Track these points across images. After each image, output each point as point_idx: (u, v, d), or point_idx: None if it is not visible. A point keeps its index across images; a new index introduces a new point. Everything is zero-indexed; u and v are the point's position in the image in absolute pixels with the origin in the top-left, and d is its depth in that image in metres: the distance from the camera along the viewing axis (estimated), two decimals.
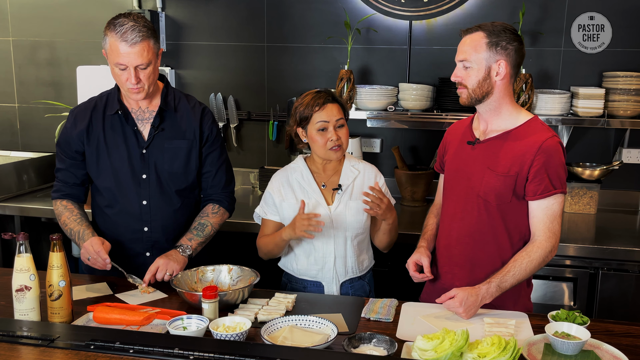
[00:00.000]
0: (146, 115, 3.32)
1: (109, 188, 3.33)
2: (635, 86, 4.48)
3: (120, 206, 3.35)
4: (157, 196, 3.34)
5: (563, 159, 2.95)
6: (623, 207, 4.96)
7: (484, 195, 2.99)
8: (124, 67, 3.09)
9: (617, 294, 4.04)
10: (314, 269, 3.38)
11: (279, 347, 2.41)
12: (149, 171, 3.32)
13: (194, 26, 5.41)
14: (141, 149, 3.30)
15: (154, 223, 3.36)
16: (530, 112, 3.08)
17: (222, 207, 3.51)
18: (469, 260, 3.08)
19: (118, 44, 3.04)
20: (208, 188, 3.51)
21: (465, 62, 2.95)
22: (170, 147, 3.33)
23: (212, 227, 3.42)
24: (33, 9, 5.67)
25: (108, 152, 3.30)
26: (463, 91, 3.00)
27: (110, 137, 3.30)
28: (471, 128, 3.17)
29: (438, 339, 2.34)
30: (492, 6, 4.87)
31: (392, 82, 5.06)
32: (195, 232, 3.35)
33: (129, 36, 3.03)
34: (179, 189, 3.39)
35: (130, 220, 3.36)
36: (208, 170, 3.47)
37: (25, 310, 2.61)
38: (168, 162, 3.33)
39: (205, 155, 3.44)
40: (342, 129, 3.31)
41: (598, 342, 2.54)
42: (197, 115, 3.40)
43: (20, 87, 5.82)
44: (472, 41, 2.94)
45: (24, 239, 2.59)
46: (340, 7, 5.06)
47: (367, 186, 3.35)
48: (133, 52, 3.05)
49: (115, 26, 3.06)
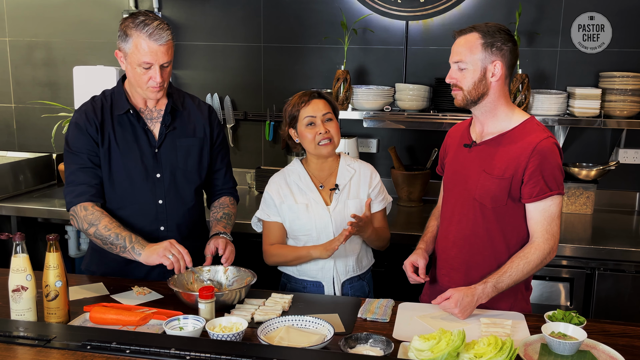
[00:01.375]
0: (154, 115, 3.31)
1: (123, 189, 3.28)
2: (631, 86, 4.49)
3: (135, 207, 3.31)
4: (172, 195, 3.33)
5: (559, 159, 2.93)
6: (619, 208, 4.97)
7: (479, 199, 2.99)
8: (149, 66, 3.07)
9: (614, 294, 4.05)
10: (314, 269, 3.38)
11: (276, 348, 2.41)
12: (163, 170, 3.30)
13: (191, 26, 5.41)
14: (153, 148, 3.28)
15: (170, 222, 3.35)
16: (526, 113, 3.07)
17: (235, 200, 3.62)
18: (464, 263, 3.08)
19: (147, 42, 3.03)
20: (219, 185, 3.56)
21: (460, 63, 2.94)
22: (183, 145, 3.33)
23: (234, 218, 3.52)
24: (29, 9, 5.67)
25: (120, 153, 3.25)
26: (458, 93, 2.98)
27: (120, 137, 3.26)
28: (469, 130, 3.16)
29: (434, 339, 2.34)
30: (488, 6, 4.88)
31: (388, 83, 5.07)
32: (226, 222, 3.43)
33: (157, 35, 3.03)
34: (193, 187, 3.40)
35: (146, 221, 3.32)
36: (220, 168, 3.53)
37: (22, 311, 2.61)
38: (182, 160, 3.33)
39: (217, 153, 3.48)
40: (331, 122, 3.33)
41: (594, 343, 2.54)
42: (204, 114, 3.42)
43: (17, 87, 5.82)
44: (467, 42, 2.92)
45: (21, 239, 2.59)
46: (337, 7, 5.06)
47: (363, 184, 3.37)
48: (161, 50, 3.05)
49: (143, 26, 3.03)
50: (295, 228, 3.39)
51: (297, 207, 3.36)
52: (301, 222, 3.36)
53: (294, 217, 3.37)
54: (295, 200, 3.37)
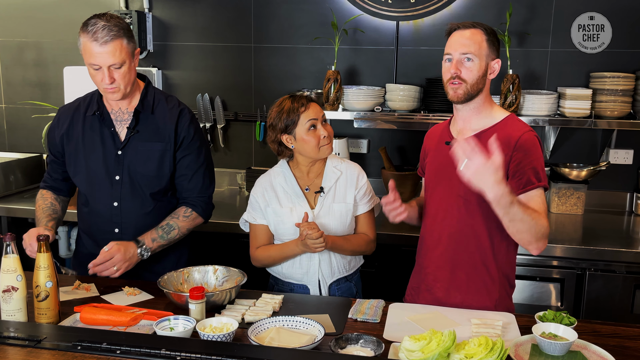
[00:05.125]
0: (125, 117, 3.32)
1: (84, 188, 3.37)
2: (622, 87, 4.50)
3: (92, 206, 3.37)
4: (128, 198, 3.33)
5: (541, 152, 2.95)
6: (610, 208, 4.98)
7: (464, 195, 2.98)
8: (98, 67, 3.08)
9: (604, 294, 4.06)
10: (298, 273, 3.38)
11: (266, 348, 2.41)
12: (123, 172, 3.31)
13: (181, 27, 5.40)
14: (117, 150, 3.30)
15: (125, 225, 3.35)
16: (506, 110, 3.09)
17: (195, 211, 3.44)
18: (450, 261, 3.08)
19: (90, 44, 3.04)
20: (183, 192, 3.45)
21: (469, 54, 2.92)
22: (144, 149, 3.31)
23: (178, 232, 3.37)
24: (20, 9, 5.66)
25: (85, 153, 3.31)
26: (461, 86, 2.94)
27: (88, 138, 3.31)
28: (449, 129, 3.17)
29: (425, 339, 2.34)
30: (479, 7, 4.89)
31: (379, 83, 5.07)
32: (161, 233, 3.31)
33: (99, 35, 3.02)
34: (152, 192, 3.36)
35: (101, 221, 3.36)
36: (183, 174, 3.41)
37: (12, 311, 2.61)
38: (141, 164, 3.31)
39: (180, 158, 3.38)
40: (327, 125, 3.34)
41: (585, 343, 2.54)
42: (173, 117, 3.35)
43: (7, 87, 5.80)
44: (475, 36, 2.93)
45: (11, 240, 2.58)
46: (327, 7, 5.06)
47: (349, 186, 3.38)
48: (105, 51, 3.04)
49: (87, 26, 3.05)
50: (280, 232, 3.39)
51: (281, 211, 3.35)
52: (285, 226, 3.36)
53: (279, 220, 3.36)
54: (280, 204, 3.37)
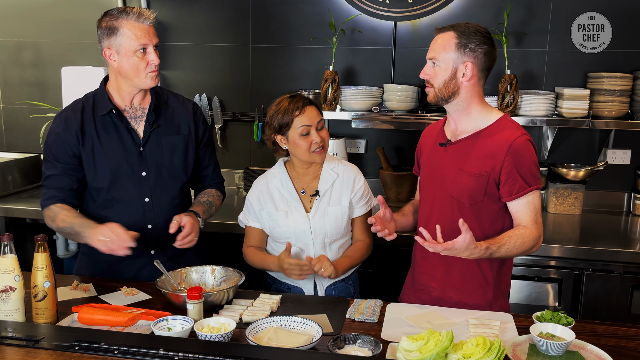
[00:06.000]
0: (139, 113, 3.31)
1: (108, 189, 3.29)
2: (619, 87, 4.50)
3: (121, 207, 3.32)
4: (158, 193, 3.34)
5: (534, 155, 2.95)
6: (608, 208, 4.99)
7: (457, 196, 3.00)
8: (145, 48, 3.12)
9: (602, 294, 4.06)
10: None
11: (264, 348, 2.41)
12: (149, 168, 3.31)
13: (179, 27, 5.40)
14: (138, 146, 3.28)
15: (157, 219, 3.35)
16: (500, 111, 3.09)
17: (222, 194, 3.64)
18: (443, 261, 3.07)
19: (138, 24, 3.11)
20: (206, 180, 3.60)
21: (433, 60, 2.97)
22: (167, 143, 3.34)
23: (215, 209, 3.53)
24: (17, 9, 5.65)
25: (104, 153, 3.25)
26: (430, 90, 3.01)
27: (104, 138, 3.27)
28: (443, 130, 3.18)
29: (423, 339, 2.35)
30: (477, 7, 4.89)
31: (376, 83, 5.07)
32: (205, 208, 3.43)
33: (144, 14, 3.12)
34: (180, 184, 3.40)
35: (133, 220, 3.30)
36: (208, 165, 3.56)
37: (10, 311, 2.60)
38: (167, 158, 3.34)
39: (204, 150, 3.51)
40: (323, 130, 3.31)
41: (583, 343, 2.55)
42: (189, 111, 3.44)
43: (5, 87, 5.80)
44: (443, 40, 2.95)
45: (9, 240, 2.58)
46: (325, 7, 5.06)
47: (345, 189, 3.37)
48: (152, 31, 3.16)
49: (128, 13, 3.12)
50: (276, 235, 3.39)
51: (277, 215, 3.35)
52: (281, 229, 3.36)
53: (274, 224, 3.37)
54: (276, 207, 3.37)
